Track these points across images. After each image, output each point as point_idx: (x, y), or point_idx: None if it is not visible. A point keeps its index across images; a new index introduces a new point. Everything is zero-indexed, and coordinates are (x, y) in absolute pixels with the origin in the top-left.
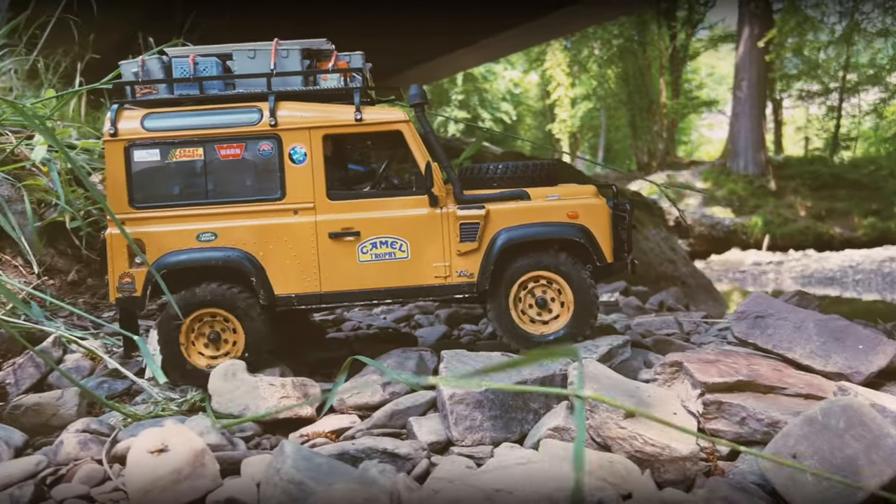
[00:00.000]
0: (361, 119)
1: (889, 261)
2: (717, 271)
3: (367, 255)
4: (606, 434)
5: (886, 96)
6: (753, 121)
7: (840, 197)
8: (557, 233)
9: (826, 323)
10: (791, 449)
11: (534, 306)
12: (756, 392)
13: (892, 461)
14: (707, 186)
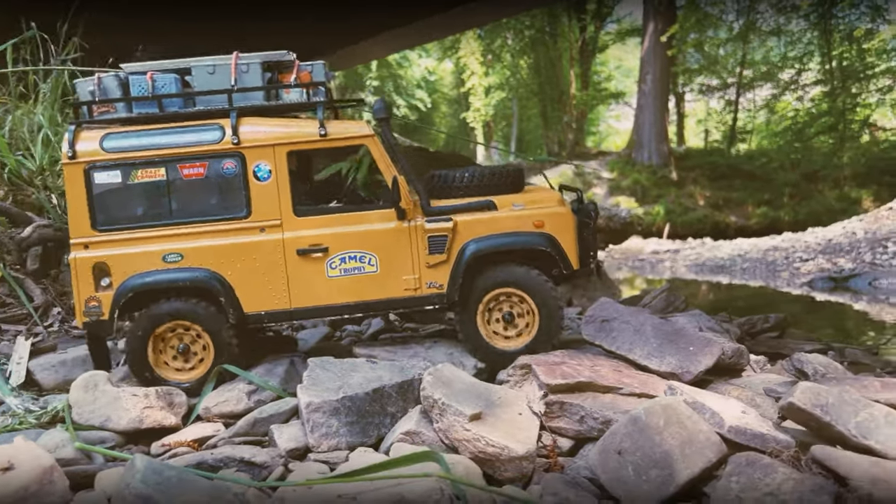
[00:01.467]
0: (326, 134)
1: (773, 249)
2: (617, 260)
3: (336, 270)
4: (454, 436)
5: (778, 92)
6: (657, 113)
7: (736, 187)
8: (524, 243)
9: (662, 326)
10: (617, 446)
11: (501, 321)
12: (596, 392)
13: (703, 455)
14: (613, 177)
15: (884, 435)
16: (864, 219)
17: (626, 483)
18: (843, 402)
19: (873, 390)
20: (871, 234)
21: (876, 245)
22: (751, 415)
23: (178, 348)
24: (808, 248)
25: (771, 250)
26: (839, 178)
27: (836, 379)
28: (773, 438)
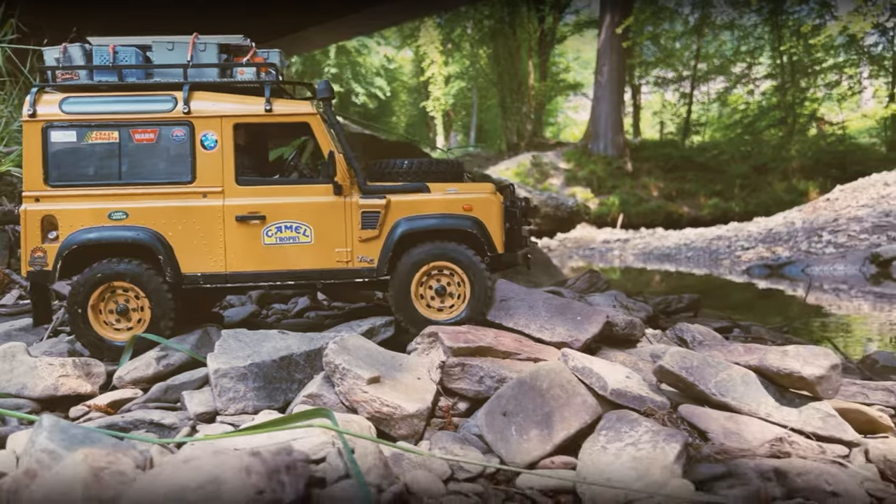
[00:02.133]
0: (271, 110)
1: (717, 239)
2: (570, 248)
3: (272, 238)
4: (353, 398)
5: (730, 85)
6: (613, 105)
7: (689, 179)
8: (452, 224)
9: (552, 301)
10: (503, 408)
11: (434, 295)
12: (495, 357)
13: (580, 417)
14: (570, 167)
15: (739, 392)
16: (803, 209)
17: (509, 441)
18: (706, 364)
19: (737, 354)
20: (808, 223)
21: (812, 234)
22: (633, 379)
23: (117, 309)
24: (750, 238)
25: (715, 239)
26: (788, 170)
27: (709, 345)
28: (650, 399)
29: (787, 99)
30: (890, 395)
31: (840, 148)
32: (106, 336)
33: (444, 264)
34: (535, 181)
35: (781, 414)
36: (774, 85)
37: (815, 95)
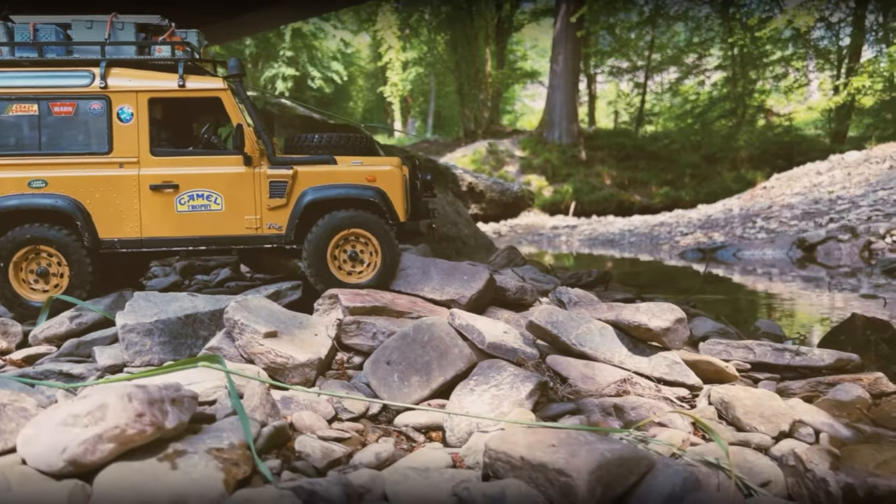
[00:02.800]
0: (184, 85)
1: (660, 225)
2: (520, 234)
3: (185, 206)
4: (250, 351)
5: (681, 76)
6: (568, 94)
7: (641, 168)
8: (356, 194)
9: (442, 265)
10: (387, 357)
11: (347, 260)
12: (390, 316)
13: (455, 365)
14: (525, 155)
15: (596, 343)
16: (741, 197)
17: (391, 387)
18: (569, 319)
19: (601, 311)
20: (745, 210)
21: (747, 221)
22: (511, 334)
23: (38, 270)
24: (690, 224)
25: (658, 226)
26: (736, 160)
27: (582, 305)
28: (522, 351)
29: (736, 90)
30: (749, 352)
31: (786, 139)
32: (22, 294)
33: (359, 232)
34: (492, 168)
35: (633, 361)
36: (725, 76)
37: (764, 87)
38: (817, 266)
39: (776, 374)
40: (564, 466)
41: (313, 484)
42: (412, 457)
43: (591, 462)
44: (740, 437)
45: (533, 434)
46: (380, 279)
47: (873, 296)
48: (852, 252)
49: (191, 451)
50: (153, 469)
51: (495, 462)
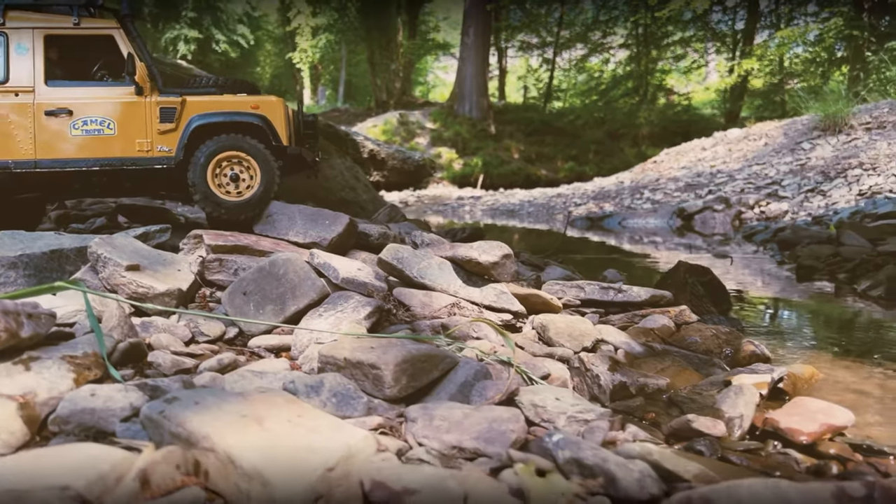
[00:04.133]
0: (78, 23)
1: (557, 196)
2: (426, 204)
3: (79, 130)
4: (113, 282)
5: (586, 52)
6: (478, 67)
7: (547, 142)
8: (240, 118)
9: (305, 211)
10: (244, 288)
11: (229, 181)
12: (253, 254)
13: (308, 295)
14: (435, 127)
15: (435, 276)
16: (633, 170)
17: (247, 315)
18: (413, 256)
19: (443, 250)
20: (635, 183)
21: (636, 192)
22: (365, 271)
23: None
24: (585, 195)
25: (555, 197)
26: (638, 137)
27: (430, 246)
28: (372, 284)
29: (639, 69)
30: (580, 291)
31: (685, 117)
32: None
33: (239, 154)
34: (402, 140)
35: (466, 291)
36: (629, 55)
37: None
38: (694, 234)
39: (602, 308)
40: (376, 361)
41: (157, 381)
42: (254, 364)
43: (398, 357)
44: (547, 350)
45: (359, 342)
46: (259, 198)
47: (724, 255)
48: (725, 221)
49: (45, 357)
50: (7, 370)
51: (325, 365)
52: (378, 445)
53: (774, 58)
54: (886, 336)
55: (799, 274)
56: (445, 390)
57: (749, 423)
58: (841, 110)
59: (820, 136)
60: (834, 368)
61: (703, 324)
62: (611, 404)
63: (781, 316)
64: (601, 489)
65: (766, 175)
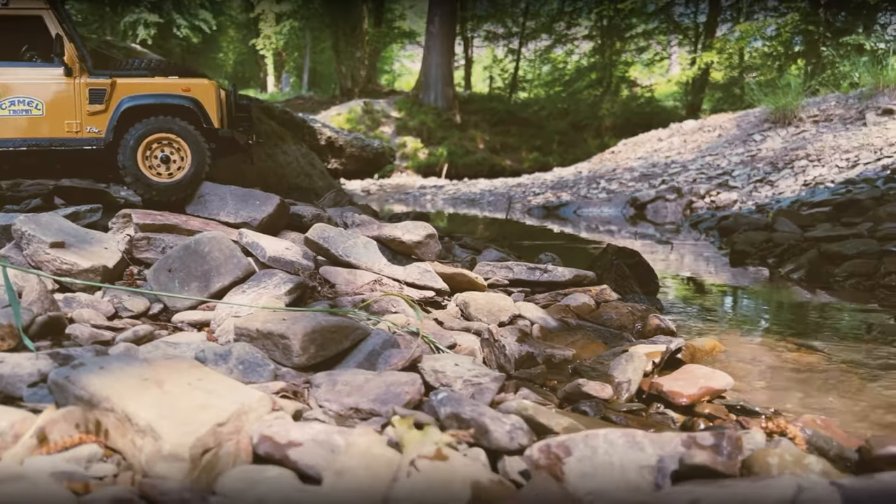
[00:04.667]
0: (7, 3)
1: (517, 185)
2: (388, 193)
3: (6, 110)
4: (37, 259)
5: (551, 43)
6: (444, 56)
7: (512, 133)
8: (172, 101)
9: (237, 192)
10: (169, 265)
11: (160, 162)
12: (181, 233)
13: (233, 273)
14: (401, 116)
15: (360, 254)
16: (592, 160)
17: (171, 291)
18: (339, 235)
19: (370, 230)
20: (592, 173)
21: (592, 182)
22: (293, 250)
23: None
24: (544, 185)
25: (516, 186)
26: (601, 128)
27: (360, 226)
28: (299, 263)
29: (603, 60)
30: (509, 272)
31: (647, 109)
32: None
33: (169, 136)
34: (367, 128)
35: (391, 269)
36: (593, 47)
37: (629, 59)
38: (647, 223)
39: (528, 288)
40: (285, 331)
41: (69, 350)
42: (170, 336)
43: (307, 327)
44: (465, 324)
45: (273, 314)
46: (188, 181)
47: (667, 241)
48: (676, 210)
49: None
50: None
51: (240, 337)
52: (274, 405)
53: (734, 51)
54: (795, 314)
55: (732, 259)
56: (354, 359)
57: (636, 387)
58: (790, 103)
59: (771, 129)
60: (739, 342)
61: (622, 302)
62: (515, 372)
63: (704, 296)
64: (472, 439)
65: (718, 166)
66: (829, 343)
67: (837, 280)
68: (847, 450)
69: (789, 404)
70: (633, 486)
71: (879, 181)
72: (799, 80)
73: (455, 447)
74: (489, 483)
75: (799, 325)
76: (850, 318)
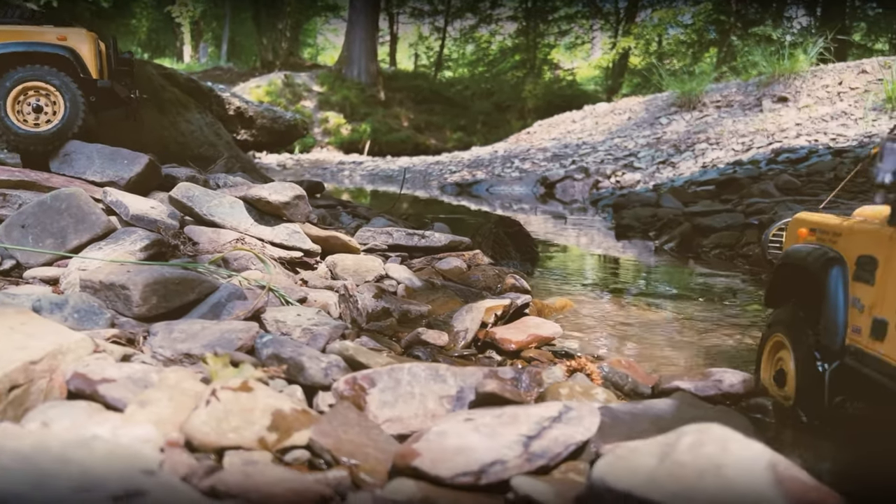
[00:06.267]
0: None
1: (435, 164)
2: (305, 168)
3: None
4: None
5: (475, 23)
6: (368, 31)
7: (437, 112)
8: (46, 49)
9: (104, 150)
10: (23, 221)
11: (32, 111)
12: (41, 191)
13: (92, 230)
14: (323, 91)
15: (225, 214)
16: (508, 140)
17: (23, 245)
18: (204, 194)
19: (240, 190)
20: (508, 152)
21: (507, 161)
22: (158, 209)
23: None
24: (461, 163)
25: (434, 164)
26: (524, 110)
27: (234, 187)
28: (163, 222)
29: (527, 42)
30: (389, 237)
31: (569, 92)
32: None
33: (41, 85)
34: (288, 102)
35: (257, 230)
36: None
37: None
38: (556, 201)
39: (406, 252)
40: (125, 282)
41: None
42: (13, 289)
43: (149, 279)
44: (329, 283)
45: (120, 267)
46: (60, 130)
47: (563, 216)
48: (584, 189)
49: None
50: None
51: (85, 289)
52: (96, 348)
53: (651, 37)
54: (655, 279)
55: (617, 232)
56: (199, 311)
57: (472, 336)
58: (695, 89)
59: (676, 112)
60: (594, 302)
61: (494, 266)
62: (366, 325)
63: (577, 263)
64: (286, 375)
65: (626, 147)
66: (676, 303)
67: (704, 250)
68: (642, 385)
69: (614, 351)
70: (429, 413)
71: (763, 162)
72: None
73: (266, 381)
74: (290, 412)
75: (654, 287)
76: (703, 282)
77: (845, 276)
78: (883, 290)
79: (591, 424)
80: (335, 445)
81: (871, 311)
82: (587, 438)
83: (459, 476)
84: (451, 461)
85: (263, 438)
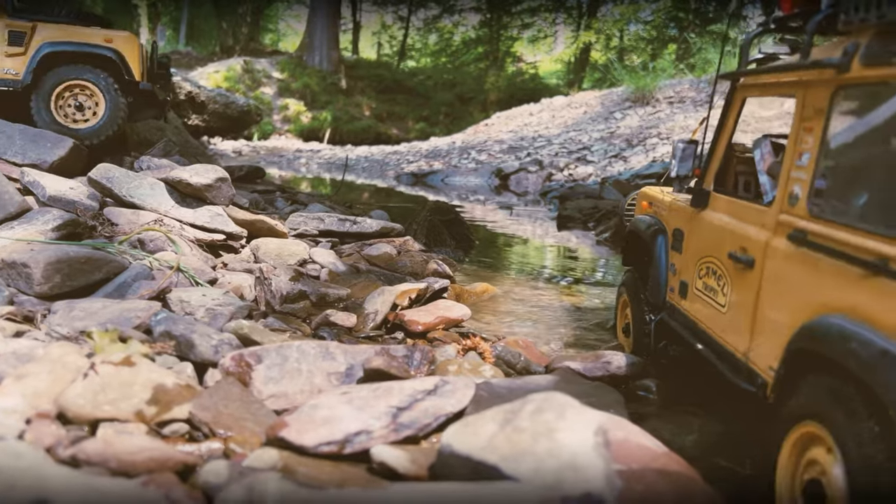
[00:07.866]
0: None
1: (393, 153)
2: (262, 155)
3: None
4: None
5: (439, 13)
6: (330, 18)
7: (399, 101)
8: (94, 50)
9: (27, 132)
10: None
11: (74, 109)
12: None
13: (5, 210)
14: (283, 77)
15: (144, 195)
16: (466, 132)
17: None
18: (125, 175)
19: (161, 172)
20: (465, 143)
21: (464, 152)
22: (78, 190)
23: None
24: (418, 154)
25: (392, 154)
26: (487, 102)
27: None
28: (81, 203)
29: (490, 34)
30: (321, 222)
31: (532, 86)
32: None
33: (84, 84)
34: (247, 88)
35: (179, 212)
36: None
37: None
38: (510, 193)
39: (337, 238)
40: (27, 260)
41: None
42: None
43: (51, 257)
44: (248, 266)
45: (26, 246)
46: (102, 129)
47: (510, 207)
48: (537, 181)
49: None
50: None
51: None
52: None
53: (612, 32)
54: (582, 266)
55: (558, 222)
56: (104, 290)
57: (382, 318)
58: (648, 84)
59: (631, 107)
60: (517, 287)
61: (424, 252)
62: (280, 307)
63: (511, 250)
64: (173, 351)
65: (580, 141)
66: (598, 289)
67: None
68: (534, 364)
69: (518, 331)
70: (316, 389)
71: None
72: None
73: (152, 357)
74: (173, 386)
75: (580, 274)
76: None
77: (667, 244)
78: (686, 257)
79: (464, 397)
80: (213, 419)
81: (679, 275)
82: (458, 410)
83: (322, 445)
84: (316, 431)
85: (141, 412)
